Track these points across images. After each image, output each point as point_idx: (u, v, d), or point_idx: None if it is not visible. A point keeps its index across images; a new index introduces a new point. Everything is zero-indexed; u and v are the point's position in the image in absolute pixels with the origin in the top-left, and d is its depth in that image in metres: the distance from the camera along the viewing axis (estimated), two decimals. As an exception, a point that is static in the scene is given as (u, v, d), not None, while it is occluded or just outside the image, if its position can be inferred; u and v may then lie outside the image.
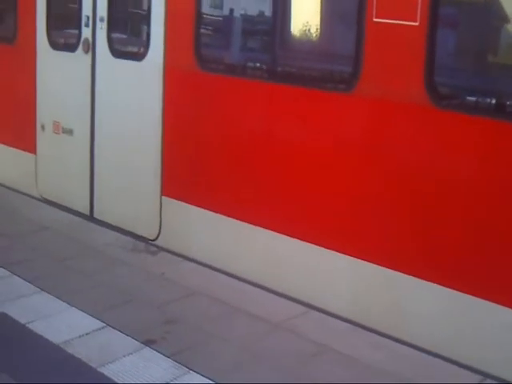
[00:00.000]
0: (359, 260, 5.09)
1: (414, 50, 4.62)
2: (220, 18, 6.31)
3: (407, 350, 4.78)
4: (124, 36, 7.05)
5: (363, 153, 5.03)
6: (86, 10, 6.94)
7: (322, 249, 5.29)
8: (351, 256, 5.13)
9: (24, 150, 7.95)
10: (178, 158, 6.32)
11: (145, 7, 6.51)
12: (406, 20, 4.66)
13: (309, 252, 5.37)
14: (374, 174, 4.98)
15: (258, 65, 5.83)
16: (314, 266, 5.37)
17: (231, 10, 6.20)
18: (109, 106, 6.85)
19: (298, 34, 5.72)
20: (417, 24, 4.60)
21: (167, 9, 6.20)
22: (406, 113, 4.75)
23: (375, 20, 4.81)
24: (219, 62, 6.11)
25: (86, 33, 6.96)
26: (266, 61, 5.74)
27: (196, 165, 6.17)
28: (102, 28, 6.80)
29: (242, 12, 6.14)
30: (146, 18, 6.42)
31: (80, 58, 7.04)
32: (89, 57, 6.96)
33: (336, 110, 5.15)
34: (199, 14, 6.02)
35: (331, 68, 5.46)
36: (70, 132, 7.31)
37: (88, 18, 6.92)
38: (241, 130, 5.81)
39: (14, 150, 8.10)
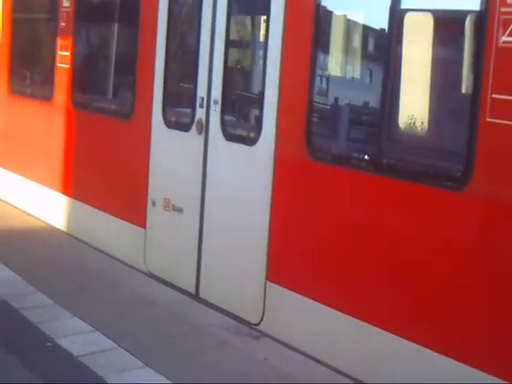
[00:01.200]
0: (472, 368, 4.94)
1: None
2: (330, 108, 6.38)
3: None
4: (237, 119, 7.23)
5: (471, 254, 4.97)
6: (201, 91, 7.15)
7: (430, 352, 5.18)
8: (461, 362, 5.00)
9: (134, 223, 8.18)
10: (284, 246, 6.37)
11: (258, 92, 6.66)
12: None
13: (416, 354, 5.27)
14: (484, 279, 4.90)
15: (364, 156, 5.88)
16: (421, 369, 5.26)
17: (342, 100, 6.28)
18: (219, 187, 7.00)
19: (407, 127, 5.75)
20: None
21: (280, 95, 6.32)
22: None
23: (488, 120, 4.82)
24: (329, 152, 6.18)
25: (200, 114, 7.17)
26: (373, 152, 5.77)
27: (302, 254, 6.21)
28: (215, 110, 6.98)
29: (354, 102, 6.23)
30: (259, 103, 6.57)
31: (193, 138, 7.24)
32: (202, 137, 7.15)
33: (443, 207, 5.13)
34: (311, 103, 6.12)
35: (440, 164, 5.41)
36: (179, 210, 7.49)
37: (202, 99, 7.12)
38: (348, 221, 5.82)
39: (124, 222, 8.36)
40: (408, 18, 5.55)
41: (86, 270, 7.97)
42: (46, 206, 9.95)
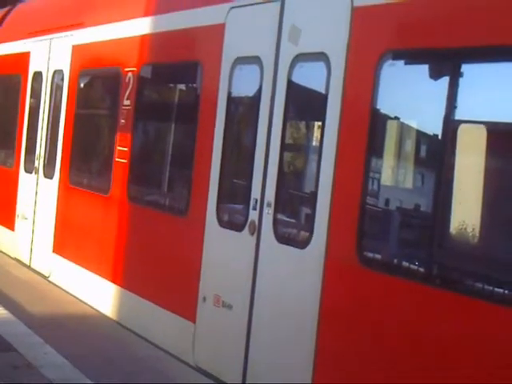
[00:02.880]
0: None
1: None
2: (382, 211, 6.39)
3: None
4: (289, 223, 7.27)
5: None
6: (255, 193, 7.27)
7: None
8: None
9: (184, 316, 8.24)
10: (331, 348, 6.35)
11: (311, 197, 6.72)
12: None
13: None
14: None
15: (415, 265, 5.85)
16: None
17: (395, 206, 6.33)
18: (269, 288, 7.04)
19: (459, 236, 5.72)
20: None
21: (333, 200, 6.39)
22: None
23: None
24: (379, 259, 6.17)
25: (253, 215, 7.27)
26: (424, 261, 5.76)
27: (349, 358, 6.18)
28: (268, 213, 7.08)
29: (407, 208, 6.26)
30: (312, 208, 6.64)
31: (245, 238, 7.33)
32: (254, 238, 7.24)
33: (498, 324, 5.07)
34: (363, 207, 6.15)
35: (499, 277, 5.26)
36: (229, 307, 7.54)
37: (256, 201, 7.23)
38: (396, 331, 5.79)
39: (174, 315, 8.42)
40: (461, 129, 5.64)
41: (134, 359, 8.08)
42: (99, 295, 10.10)
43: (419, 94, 5.99)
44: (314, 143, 7.10)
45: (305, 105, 7.37)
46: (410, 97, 6.09)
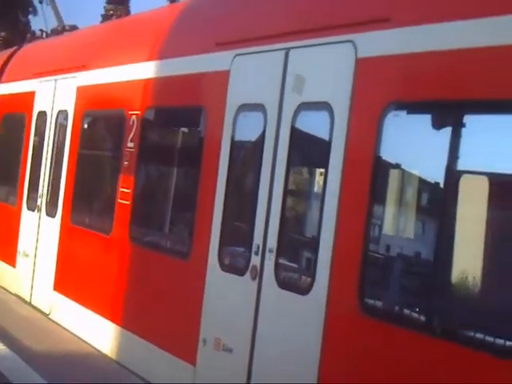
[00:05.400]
0: None
1: None
2: (384, 258, 6.42)
3: None
4: (290, 269, 7.29)
5: None
6: (257, 238, 7.30)
7: None
8: None
9: (183, 359, 8.22)
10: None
11: (313, 243, 6.74)
12: None
13: None
14: None
15: (416, 313, 5.86)
16: None
17: (395, 250, 6.37)
18: (270, 333, 7.04)
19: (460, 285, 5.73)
20: None
21: (335, 246, 6.40)
22: None
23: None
24: (380, 307, 6.17)
25: (255, 261, 7.29)
26: (427, 311, 5.78)
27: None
28: (270, 259, 7.10)
29: (409, 256, 6.30)
30: (314, 254, 6.68)
31: (247, 282, 7.34)
32: (255, 283, 7.25)
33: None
34: (366, 254, 6.17)
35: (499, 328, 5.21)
36: (229, 351, 7.54)
37: (258, 246, 7.27)
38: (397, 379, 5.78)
39: (174, 357, 8.41)
40: (463, 179, 5.69)
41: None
42: (99, 334, 10.10)
43: (421, 144, 6.07)
44: (317, 190, 7.17)
45: (308, 152, 7.44)
46: (413, 147, 6.17)
